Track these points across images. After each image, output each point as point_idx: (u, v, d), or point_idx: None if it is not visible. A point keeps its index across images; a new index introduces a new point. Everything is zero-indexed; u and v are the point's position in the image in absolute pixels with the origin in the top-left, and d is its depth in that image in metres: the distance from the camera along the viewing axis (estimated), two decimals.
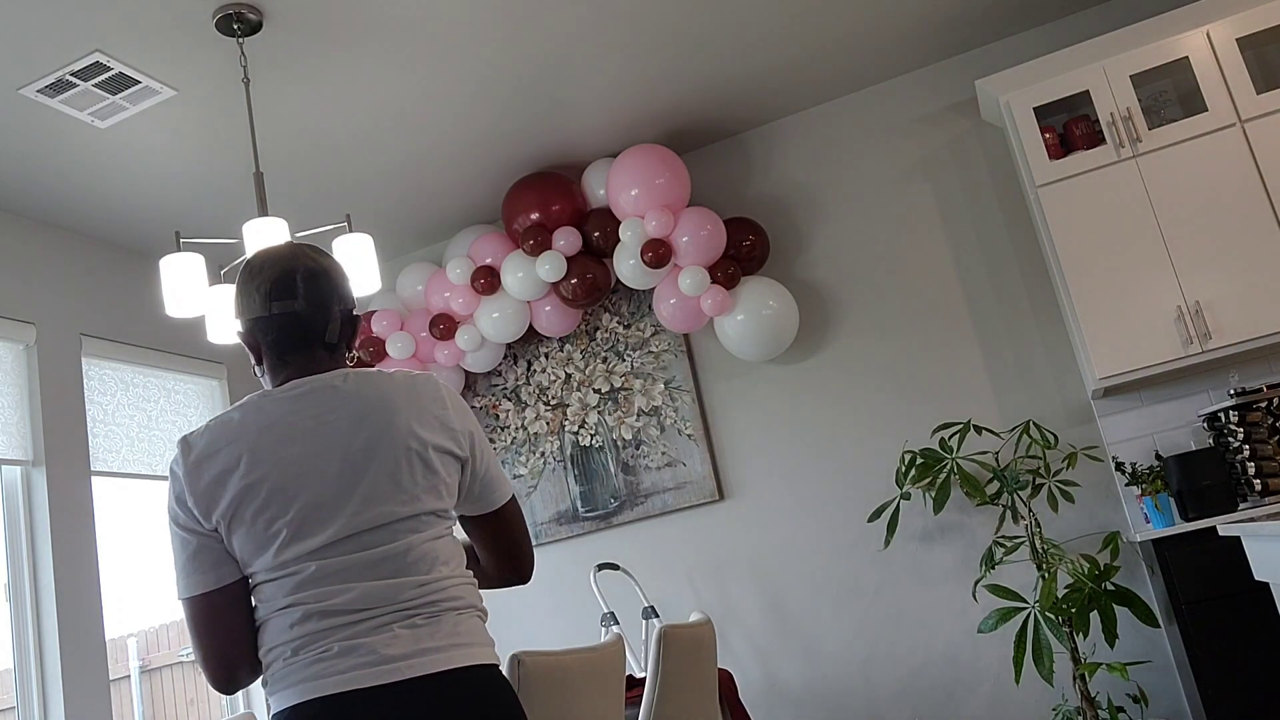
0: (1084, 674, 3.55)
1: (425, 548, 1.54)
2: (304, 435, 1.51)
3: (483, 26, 3.54)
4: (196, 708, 4.68)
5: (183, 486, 1.52)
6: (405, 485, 1.53)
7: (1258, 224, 3.59)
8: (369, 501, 1.50)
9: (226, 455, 1.50)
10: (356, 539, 1.49)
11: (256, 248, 2.90)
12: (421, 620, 1.49)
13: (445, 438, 1.60)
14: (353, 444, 1.51)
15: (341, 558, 1.48)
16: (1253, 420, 3.56)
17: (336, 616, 1.46)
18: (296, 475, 1.49)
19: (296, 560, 1.48)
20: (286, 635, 1.47)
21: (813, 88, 4.48)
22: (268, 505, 1.48)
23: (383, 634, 1.45)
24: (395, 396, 1.57)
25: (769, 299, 4.30)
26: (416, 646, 1.46)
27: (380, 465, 1.52)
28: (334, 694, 1.41)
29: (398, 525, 1.52)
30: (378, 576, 1.48)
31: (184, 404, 4.75)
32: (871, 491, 4.24)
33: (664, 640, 2.53)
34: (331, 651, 1.44)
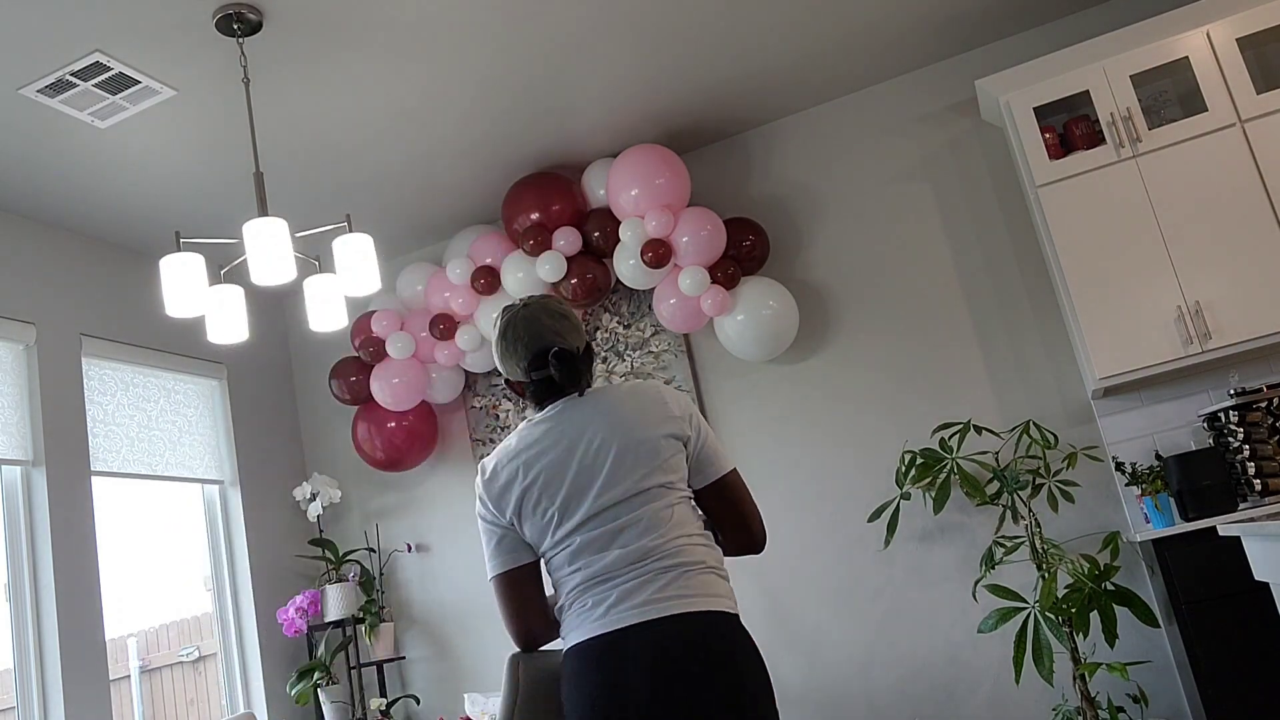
0: (1084, 674, 3.55)
1: (659, 514, 1.97)
2: (553, 447, 2.02)
3: (483, 27, 3.54)
4: (196, 708, 4.68)
5: (483, 495, 2.07)
6: (633, 469, 1.98)
7: (1258, 224, 3.59)
8: (606, 486, 1.97)
9: (507, 471, 2.04)
10: (603, 515, 1.97)
11: (256, 247, 2.90)
12: (658, 576, 1.93)
13: (668, 426, 2.03)
14: (590, 446, 2.00)
15: (595, 531, 1.97)
16: (1253, 420, 3.56)
17: (601, 576, 1.95)
18: (553, 476, 2.00)
19: (566, 536, 1.98)
20: (570, 594, 1.99)
21: (813, 88, 4.48)
22: (539, 501, 2.00)
23: (631, 586, 1.93)
24: (618, 405, 2.05)
25: (769, 299, 4.30)
26: (657, 596, 1.91)
27: (613, 457, 1.99)
28: (603, 633, 1.91)
29: (632, 500, 1.97)
30: (623, 544, 1.95)
31: (184, 404, 4.75)
32: (871, 491, 4.24)
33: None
34: (603, 601, 1.93)
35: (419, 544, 5.05)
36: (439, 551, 5.01)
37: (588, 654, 1.91)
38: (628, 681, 1.86)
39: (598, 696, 1.87)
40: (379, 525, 5.13)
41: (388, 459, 4.80)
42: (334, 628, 4.70)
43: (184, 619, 4.80)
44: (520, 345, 2.08)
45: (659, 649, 1.87)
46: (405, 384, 4.64)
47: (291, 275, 2.95)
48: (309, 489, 4.95)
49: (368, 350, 4.68)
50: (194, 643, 4.75)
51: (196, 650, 4.74)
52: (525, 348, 2.08)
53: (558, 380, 2.05)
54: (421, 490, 5.09)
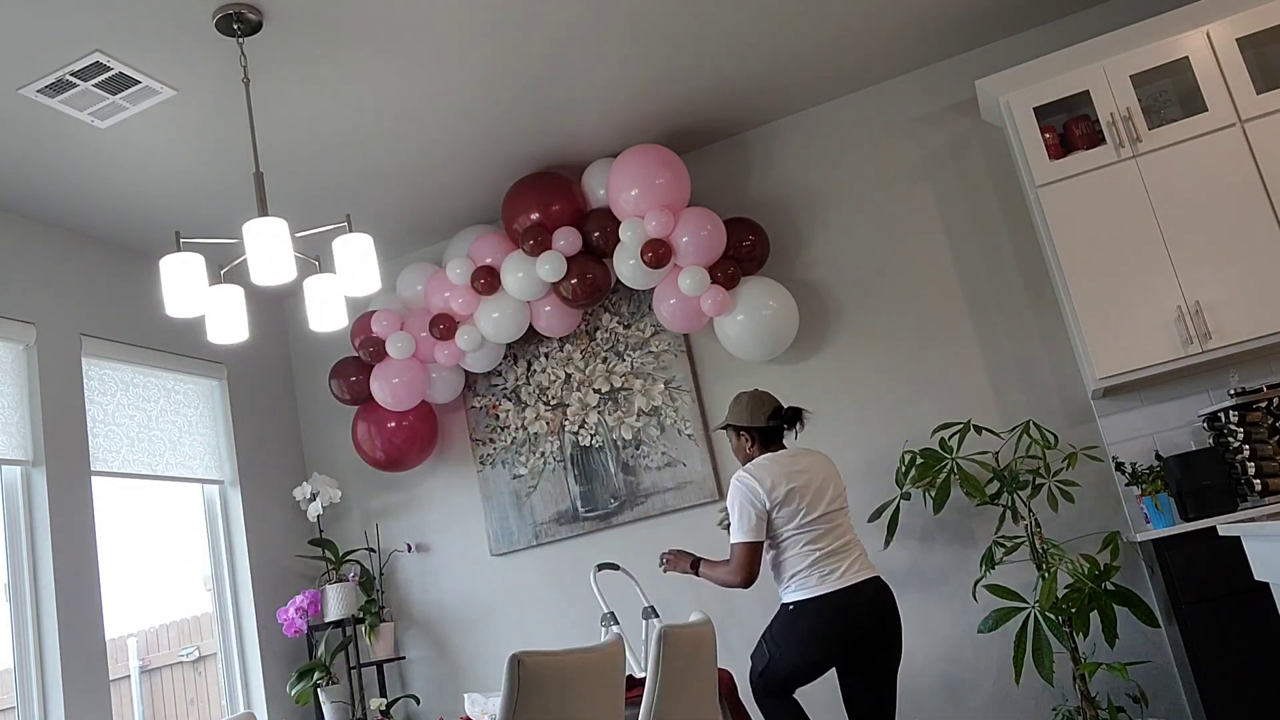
0: (1084, 674, 3.55)
1: (847, 524, 3.48)
2: (800, 473, 3.44)
3: (483, 26, 3.54)
4: (196, 708, 4.68)
5: (758, 488, 3.38)
6: (838, 497, 3.47)
7: (1258, 224, 3.59)
8: (830, 501, 3.42)
9: (771, 479, 3.39)
10: (828, 516, 3.40)
11: (256, 247, 2.91)
12: (860, 557, 3.41)
13: (842, 482, 3.55)
14: (819, 479, 3.45)
15: (824, 525, 3.39)
16: (1253, 420, 3.56)
17: (826, 552, 3.36)
18: (805, 488, 3.40)
19: (810, 524, 3.37)
20: (805, 559, 3.35)
21: (813, 88, 4.48)
22: (795, 497, 3.38)
23: (844, 562, 3.36)
24: (825, 463, 3.55)
25: (769, 299, 4.30)
26: (858, 567, 3.37)
27: (833, 488, 3.46)
28: (840, 588, 3.31)
29: (838, 512, 3.45)
30: (838, 536, 3.39)
31: (184, 404, 4.75)
32: (872, 491, 4.24)
33: (664, 640, 2.53)
34: (836, 568, 3.34)
35: (419, 544, 5.05)
36: (439, 551, 5.01)
37: (831, 599, 3.30)
38: (859, 607, 3.33)
39: (841, 615, 3.30)
40: (379, 525, 5.13)
41: (387, 459, 4.81)
42: (334, 628, 4.70)
43: (184, 619, 4.80)
44: (765, 404, 3.58)
45: (871, 591, 3.36)
46: (405, 384, 4.64)
47: (291, 275, 2.95)
48: (309, 489, 4.95)
49: (368, 350, 4.68)
50: (194, 643, 4.75)
51: (196, 650, 4.74)
52: (767, 406, 3.58)
53: (780, 429, 3.59)
54: (421, 490, 5.09)
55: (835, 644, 3.30)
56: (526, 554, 4.84)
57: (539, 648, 2.09)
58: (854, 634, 3.28)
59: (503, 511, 4.88)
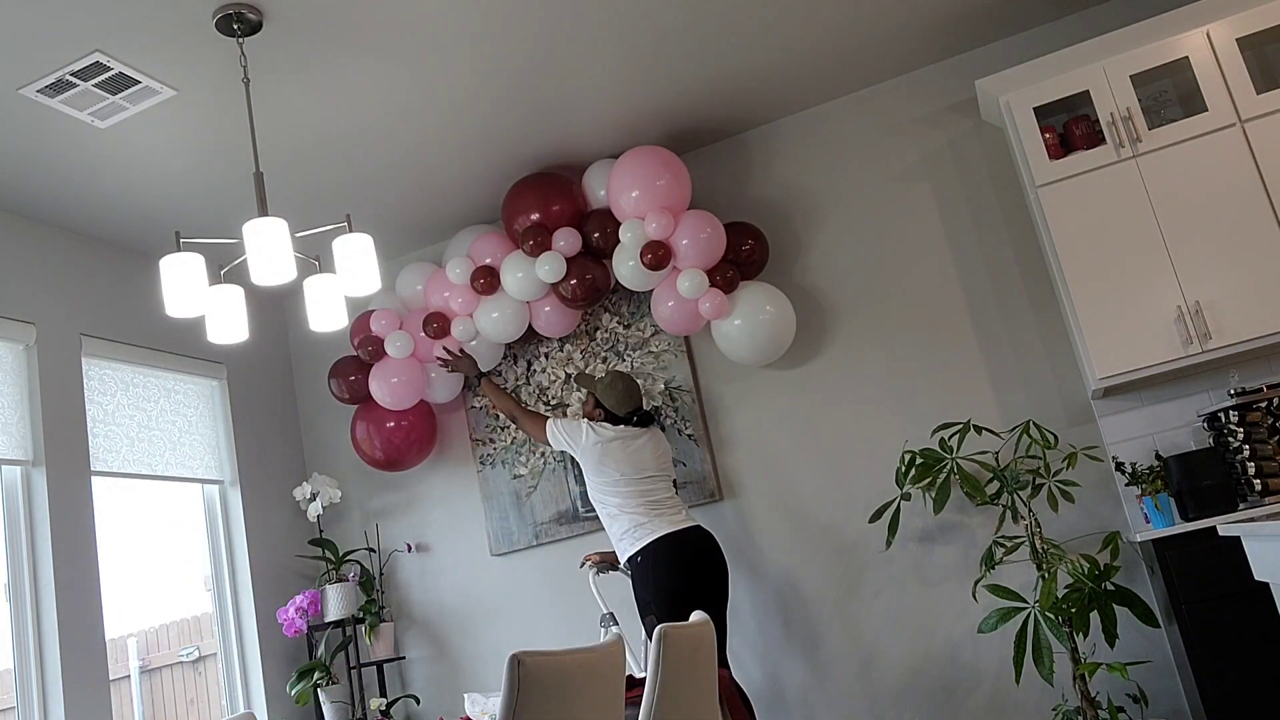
0: (1084, 674, 3.55)
1: (672, 486, 4.08)
2: (636, 440, 4.03)
3: (483, 26, 3.54)
4: (196, 708, 4.68)
5: (599, 437, 4.02)
6: (667, 465, 4.10)
7: (1258, 224, 3.59)
8: (659, 465, 4.04)
9: (616, 439, 4.02)
10: (656, 477, 4.00)
11: (256, 247, 2.91)
12: (683, 507, 4.05)
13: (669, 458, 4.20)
14: (648, 449, 4.06)
15: (655, 483, 3.99)
16: (1253, 420, 3.56)
17: (659, 503, 3.98)
18: (640, 451, 4.02)
19: (643, 480, 3.98)
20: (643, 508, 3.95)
21: (813, 88, 4.48)
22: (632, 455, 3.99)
23: (679, 513, 3.98)
24: (657, 439, 4.12)
25: (766, 303, 4.30)
26: (685, 517, 3.97)
27: (660, 457, 4.09)
28: (678, 529, 3.91)
29: (665, 475, 4.07)
30: (667, 491, 4.02)
31: (184, 404, 4.75)
32: (872, 492, 4.24)
33: (664, 640, 2.53)
34: (666, 514, 3.94)
35: (419, 544, 5.05)
36: (439, 551, 5.01)
37: (677, 538, 3.87)
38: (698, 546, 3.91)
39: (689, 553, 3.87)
40: (379, 525, 5.13)
41: (387, 458, 4.80)
42: (334, 628, 4.70)
43: (184, 619, 4.80)
44: (628, 397, 4.15)
45: (700, 535, 3.94)
46: (404, 383, 4.64)
47: (291, 275, 2.95)
48: (309, 489, 4.95)
49: (366, 349, 4.68)
50: (194, 643, 4.75)
51: (196, 650, 4.74)
52: (630, 401, 4.15)
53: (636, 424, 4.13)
54: (421, 490, 5.09)
55: (688, 573, 3.81)
56: (526, 554, 4.84)
57: (539, 648, 2.09)
58: (699, 564, 3.85)
59: (503, 511, 4.88)
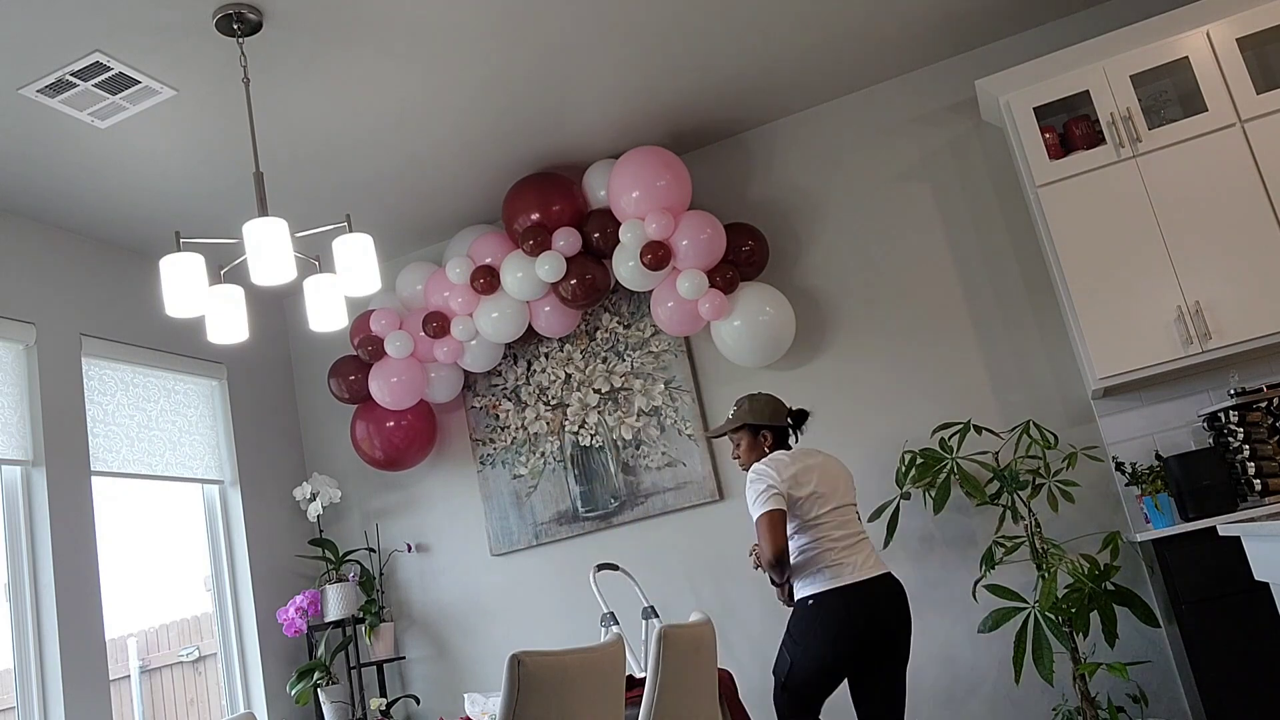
0: (1084, 674, 3.55)
1: (857, 518, 3.47)
2: (815, 466, 3.43)
3: (483, 26, 3.54)
4: (196, 708, 4.68)
5: (774, 471, 3.34)
6: (850, 492, 3.48)
7: (1258, 224, 3.59)
8: (844, 495, 3.43)
9: (786, 468, 3.36)
10: (841, 510, 3.39)
11: (256, 247, 2.91)
12: (868, 549, 3.38)
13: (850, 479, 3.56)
14: (832, 473, 3.45)
15: (840, 517, 3.38)
16: (1253, 420, 3.56)
17: (841, 542, 3.34)
18: (822, 480, 3.40)
19: (827, 515, 3.36)
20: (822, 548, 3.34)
21: (813, 88, 4.48)
22: (814, 486, 3.37)
23: (858, 555, 3.33)
24: (835, 460, 3.53)
25: (765, 305, 4.30)
26: (871, 562, 3.34)
27: (845, 483, 3.47)
28: (856, 580, 3.28)
29: (850, 506, 3.45)
30: (853, 531, 3.38)
31: (184, 404, 4.75)
32: (872, 491, 4.24)
33: (664, 640, 2.53)
34: (850, 562, 3.32)
35: (419, 544, 5.05)
36: (439, 551, 5.01)
37: (849, 591, 3.26)
38: (873, 602, 3.27)
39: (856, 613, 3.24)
40: (379, 525, 5.13)
41: (386, 458, 4.81)
42: (334, 628, 4.70)
43: (184, 619, 4.80)
44: (782, 407, 3.60)
45: (883, 586, 3.31)
46: (404, 383, 4.64)
47: (291, 275, 2.95)
48: (309, 489, 4.95)
49: (366, 349, 4.68)
50: (194, 643, 4.75)
51: (196, 650, 4.74)
52: (784, 409, 3.61)
53: (793, 429, 3.62)
54: (421, 490, 5.09)
55: (855, 638, 3.20)
56: (526, 554, 4.84)
57: (539, 648, 2.09)
58: (873, 628, 3.21)
59: (503, 511, 4.88)
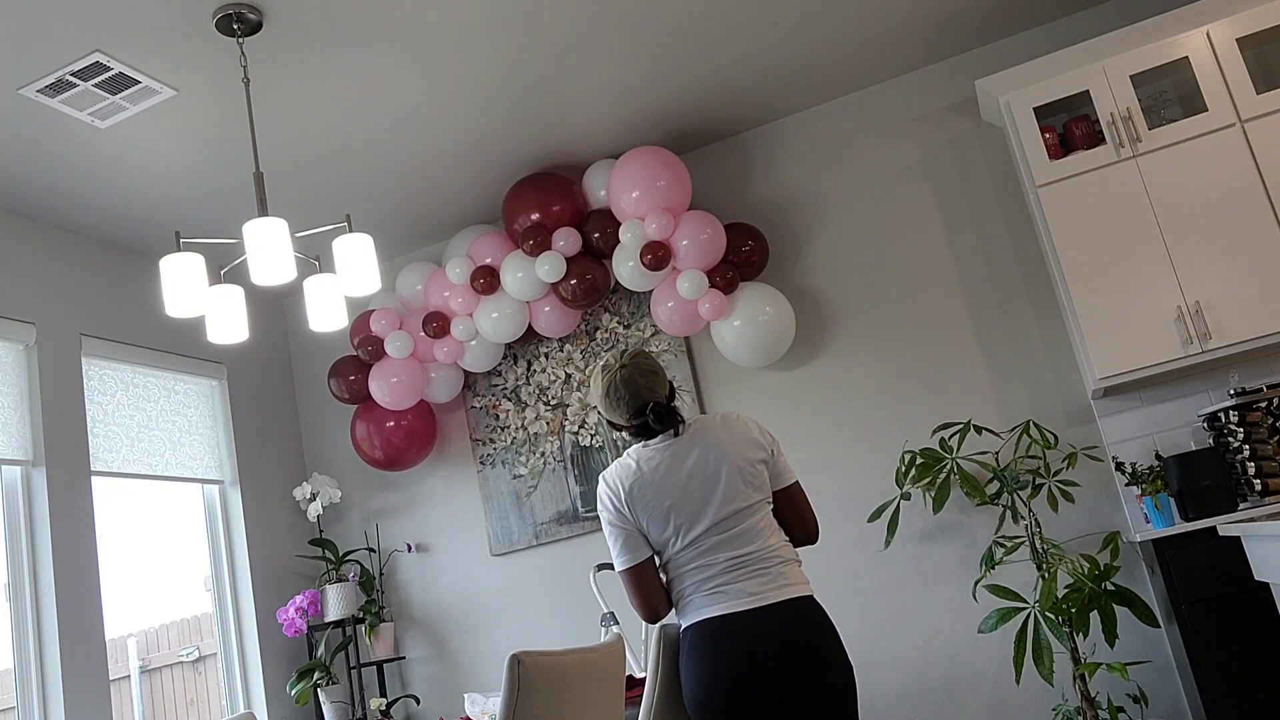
0: (1084, 674, 3.55)
1: (759, 525, 2.49)
2: (674, 470, 2.49)
3: (483, 26, 3.54)
4: (196, 708, 4.68)
5: (613, 503, 2.51)
6: (740, 488, 2.47)
7: (1258, 224, 3.59)
8: (723, 502, 2.46)
9: (638, 486, 2.50)
10: (720, 524, 2.45)
11: (256, 247, 2.91)
12: (763, 571, 2.44)
13: (758, 452, 2.52)
14: (705, 469, 2.48)
15: (715, 537, 2.45)
16: (1253, 420, 3.56)
17: (720, 571, 2.43)
18: (679, 492, 2.48)
19: (694, 540, 2.45)
20: (692, 584, 2.46)
21: (813, 88, 4.48)
22: (669, 511, 2.47)
23: (745, 581, 2.42)
24: (719, 435, 2.52)
25: (765, 305, 4.30)
26: (765, 587, 2.41)
27: (725, 480, 2.47)
28: (728, 613, 2.39)
29: (741, 513, 2.46)
30: (735, 547, 2.45)
31: (184, 404, 4.75)
32: (871, 491, 4.24)
33: (664, 640, 2.53)
34: (721, 592, 2.42)
35: (419, 544, 5.05)
36: (439, 551, 5.01)
37: (713, 629, 2.41)
38: (752, 648, 2.37)
39: (727, 661, 2.37)
40: (379, 525, 5.13)
41: (386, 458, 4.80)
42: (334, 628, 4.70)
43: (184, 619, 4.80)
44: (623, 404, 2.56)
45: (771, 624, 2.38)
46: (403, 383, 4.64)
47: (291, 275, 2.95)
48: (309, 489, 4.95)
49: (366, 349, 4.68)
50: (194, 643, 4.75)
51: (196, 650, 4.74)
52: (628, 405, 2.56)
53: (654, 427, 2.54)
54: (421, 490, 5.09)
55: (726, 687, 2.35)
56: (526, 554, 4.84)
57: (539, 648, 2.10)
58: (754, 674, 2.34)
59: (503, 511, 4.88)
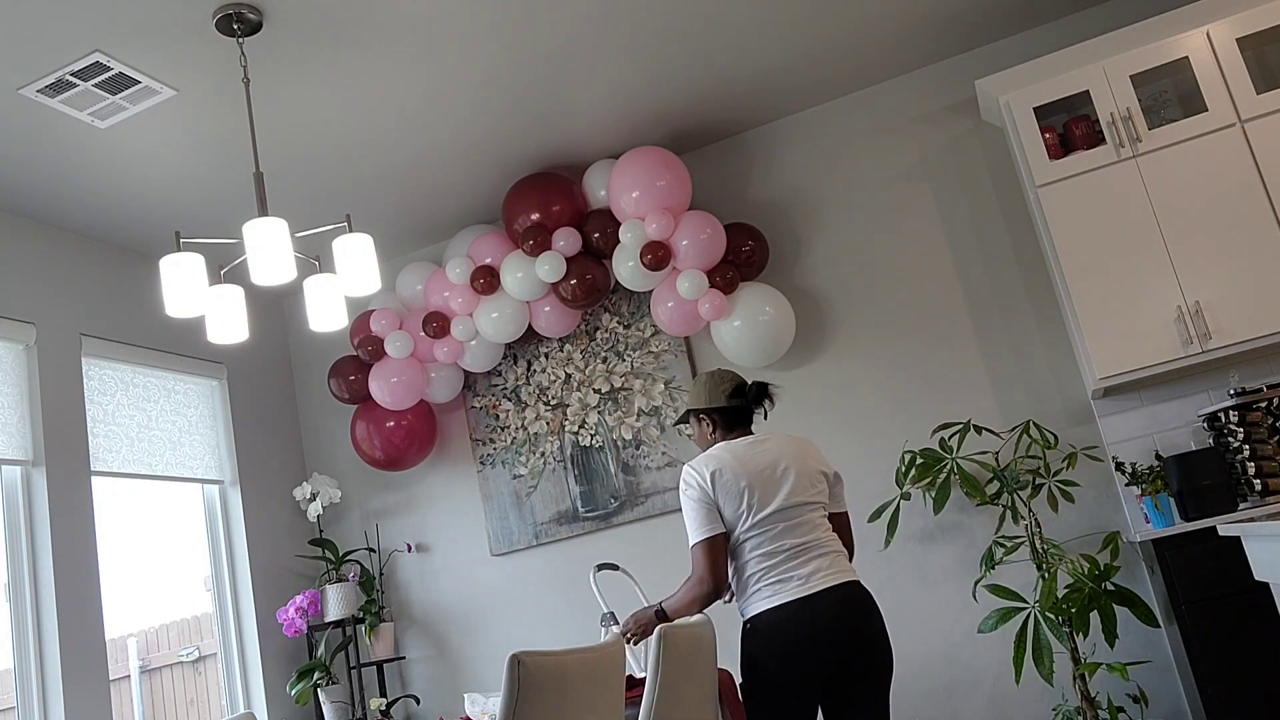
0: (1084, 674, 3.55)
1: (818, 519, 2.89)
2: (757, 460, 2.88)
3: (484, 26, 3.54)
4: (196, 708, 4.68)
5: (705, 483, 2.85)
6: (806, 487, 2.88)
7: (1258, 224, 3.59)
8: (791, 494, 2.84)
9: (723, 471, 2.85)
10: (786, 512, 2.82)
11: (256, 247, 2.91)
12: (821, 556, 2.82)
13: (822, 465, 2.98)
14: (778, 465, 2.88)
15: (782, 524, 2.81)
16: (1253, 420, 3.56)
17: (785, 560, 2.79)
18: (756, 478, 2.85)
19: (761, 521, 2.81)
20: (760, 570, 2.80)
21: (813, 88, 4.48)
22: (745, 492, 2.83)
23: (807, 566, 2.79)
24: (792, 444, 2.97)
25: (765, 305, 4.30)
26: (824, 569, 2.79)
27: (794, 476, 2.87)
28: (789, 600, 2.75)
29: (805, 506, 2.85)
30: (798, 535, 2.82)
31: (184, 404, 4.75)
32: (871, 491, 4.24)
33: (664, 640, 2.53)
34: (789, 578, 2.77)
35: (419, 544, 5.05)
36: (439, 551, 5.01)
37: (784, 613, 2.76)
38: (816, 627, 2.73)
39: (803, 634, 2.73)
40: (379, 525, 5.13)
41: (386, 458, 4.81)
42: (334, 628, 4.70)
43: (184, 619, 4.80)
44: (726, 382, 3.04)
45: (837, 602, 2.77)
46: (403, 383, 4.64)
47: (291, 275, 2.95)
48: (309, 489, 4.95)
49: (366, 349, 4.68)
50: (194, 643, 4.75)
51: (196, 650, 4.74)
52: (730, 383, 3.04)
53: (750, 406, 3.03)
54: (421, 490, 5.09)
55: (799, 666, 2.72)
56: (526, 554, 4.84)
57: (539, 648, 2.10)
58: (821, 652, 2.71)
59: (503, 511, 4.88)
